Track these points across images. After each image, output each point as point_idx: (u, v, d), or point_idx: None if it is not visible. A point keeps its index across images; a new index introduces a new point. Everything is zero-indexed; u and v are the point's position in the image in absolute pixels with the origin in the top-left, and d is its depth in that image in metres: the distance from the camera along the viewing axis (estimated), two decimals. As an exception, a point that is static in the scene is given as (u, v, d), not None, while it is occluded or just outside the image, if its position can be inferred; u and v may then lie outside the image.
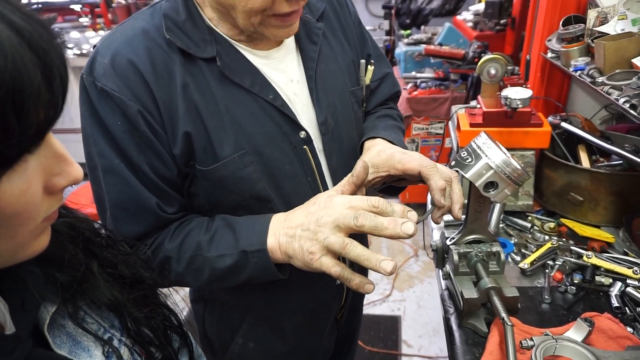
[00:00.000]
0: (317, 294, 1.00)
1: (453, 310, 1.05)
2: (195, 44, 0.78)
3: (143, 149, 0.76)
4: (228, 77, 0.80)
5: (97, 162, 0.77)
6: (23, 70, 0.34)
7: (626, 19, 1.25)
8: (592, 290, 1.11)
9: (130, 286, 0.58)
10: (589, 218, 1.33)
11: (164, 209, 0.80)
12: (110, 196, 0.78)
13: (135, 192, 0.77)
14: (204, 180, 0.82)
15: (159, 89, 0.75)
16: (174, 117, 0.77)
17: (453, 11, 3.96)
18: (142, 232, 0.80)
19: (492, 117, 1.37)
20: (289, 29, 0.79)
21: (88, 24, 4.49)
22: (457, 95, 2.93)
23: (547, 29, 1.61)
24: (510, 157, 0.87)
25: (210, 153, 0.80)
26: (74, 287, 0.51)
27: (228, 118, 0.80)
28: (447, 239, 1.06)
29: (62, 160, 0.43)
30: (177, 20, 0.78)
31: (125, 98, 0.73)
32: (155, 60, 0.76)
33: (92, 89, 0.74)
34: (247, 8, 0.72)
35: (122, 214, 0.78)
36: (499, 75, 1.42)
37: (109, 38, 0.78)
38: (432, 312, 2.56)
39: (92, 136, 0.76)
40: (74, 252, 0.53)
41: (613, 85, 1.17)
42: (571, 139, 1.44)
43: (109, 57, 0.74)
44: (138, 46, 0.76)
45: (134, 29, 0.78)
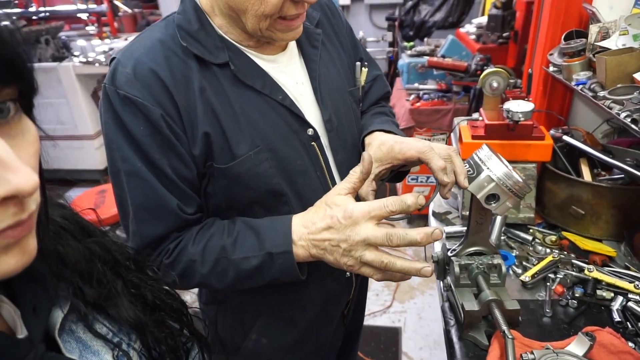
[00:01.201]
0: (328, 288, 1.04)
1: (454, 322, 1.05)
2: (208, 51, 0.83)
3: (165, 152, 0.80)
4: (241, 80, 0.85)
5: (120, 167, 0.81)
6: None
7: (627, 35, 1.26)
8: (593, 304, 1.10)
9: (152, 308, 0.59)
10: (590, 232, 1.33)
11: (183, 210, 0.84)
12: (133, 199, 0.82)
13: (157, 194, 0.81)
14: (222, 178, 0.85)
15: (178, 93, 0.80)
16: (194, 119, 0.81)
17: (456, 24, 4.00)
18: (163, 233, 0.84)
19: (494, 130, 1.38)
20: (294, 32, 0.84)
21: (94, 32, 4.54)
22: (460, 107, 2.94)
23: (549, 43, 1.63)
24: (511, 169, 0.88)
25: (227, 152, 0.84)
26: (99, 302, 0.52)
27: (243, 118, 0.84)
28: (449, 251, 1.07)
29: (1, 166, 0.36)
30: (191, 30, 0.83)
31: (148, 104, 0.78)
32: (173, 67, 0.80)
33: (115, 97, 0.78)
34: (259, 12, 0.76)
35: (144, 215, 0.82)
36: (501, 89, 1.43)
37: (129, 49, 0.82)
38: (433, 324, 2.54)
39: (116, 142, 0.80)
40: (102, 270, 0.54)
41: (614, 99, 1.17)
42: (573, 153, 1.44)
43: (130, 67, 0.79)
44: (157, 55, 0.80)
45: (151, 39, 0.83)
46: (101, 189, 2.96)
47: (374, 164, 0.92)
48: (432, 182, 3.17)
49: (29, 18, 4.17)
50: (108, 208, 2.71)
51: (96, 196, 2.85)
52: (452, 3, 4.22)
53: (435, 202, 1.60)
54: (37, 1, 4.45)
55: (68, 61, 3.78)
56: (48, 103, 3.84)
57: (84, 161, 4.08)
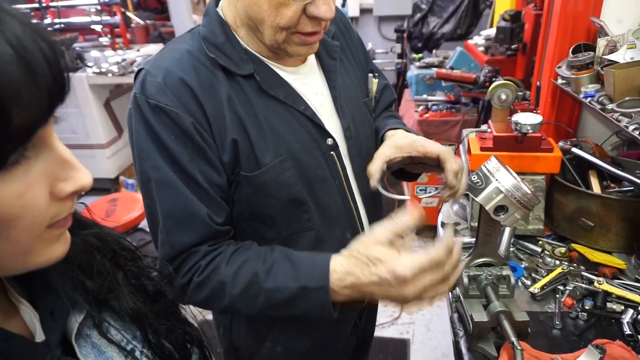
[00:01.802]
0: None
1: (463, 334, 1.05)
2: (234, 63, 0.86)
3: (195, 159, 0.82)
4: (265, 91, 0.88)
5: (151, 175, 0.82)
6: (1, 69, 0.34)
7: (635, 48, 1.27)
8: (603, 316, 1.10)
9: (152, 299, 0.60)
10: (600, 244, 1.33)
11: (213, 219, 0.84)
12: (163, 207, 0.83)
13: (188, 202, 0.82)
14: (248, 186, 0.87)
15: (207, 102, 0.82)
16: (222, 126, 0.84)
17: (464, 36, 4.03)
18: (192, 243, 0.84)
19: (503, 142, 1.38)
20: (309, 47, 0.86)
21: (108, 43, 4.62)
22: (468, 119, 2.95)
23: (557, 56, 1.64)
24: (520, 181, 0.89)
25: (253, 160, 0.86)
26: (102, 295, 0.53)
27: (267, 127, 0.87)
28: (457, 262, 1.07)
29: (68, 166, 0.42)
30: (217, 42, 0.86)
31: (180, 111, 0.80)
32: (201, 77, 0.83)
33: (146, 106, 0.80)
34: (275, 24, 0.79)
35: (174, 224, 0.83)
36: (509, 101, 1.44)
37: (158, 60, 0.85)
38: (441, 335, 2.53)
39: (146, 150, 0.81)
40: (101, 261, 0.55)
41: (623, 112, 1.18)
42: (582, 165, 1.45)
43: (160, 76, 0.81)
44: (186, 65, 0.83)
45: (179, 50, 0.86)
46: (112, 197, 2.99)
47: (393, 149, 0.94)
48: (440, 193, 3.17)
49: (44, 30, 4.25)
50: (119, 216, 2.74)
51: (107, 205, 2.89)
52: (461, 15, 4.25)
53: (444, 213, 1.61)
54: (52, 13, 4.55)
55: (82, 72, 3.85)
56: (61, 113, 3.90)
57: (95, 170, 4.13)
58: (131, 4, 6.44)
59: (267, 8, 0.78)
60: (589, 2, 1.54)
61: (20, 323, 0.47)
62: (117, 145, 4.20)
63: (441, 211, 1.62)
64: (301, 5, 0.78)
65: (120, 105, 4.22)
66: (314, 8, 0.79)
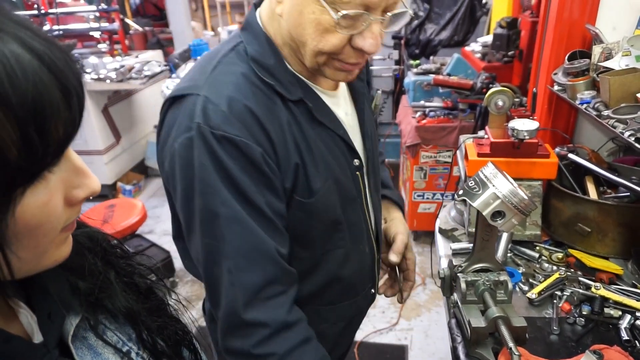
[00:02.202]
0: (358, 304, 1.08)
1: (460, 339, 1.05)
2: (285, 88, 0.83)
3: (262, 190, 0.78)
4: (315, 117, 0.86)
5: (220, 212, 0.76)
6: (44, 92, 0.37)
7: (630, 55, 1.28)
8: (601, 322, 1.10)
9: (144, 296, 0.61)
10: (597, 249, 1.34)
11: (280, 252, 0.81)
12: (231, 245, 0.77)
13: (257, 238, 0.78)
14: (300, 211, 0.86)
15: (271, 129, 0.79)
16: (286, 152, 0.82)
17: (462, 42, 4.04)
18: (262, 283, 0.79)
19: (500, 148, 1.39)
20: (348, 73, 0.84)
21: (106, 50, 4.64)
22: (466, 125, 2.96)
23: (553, 62, 1.65)
24: (517, 187, 0.89)
25: (306, 186, 0.85)
26: (94, 295, 0.54)
27: (317, 152, 0.86)
28: (455, 267, 1.07)
29: (81, 174, 0.45)
30: (268, 65, 0.82)
31: (250, 142, 0.76)
32: (261, 102, 0.79)
33: (211, 137, 0.74)
34: (317, 48, 0.77)
35: (243, 263, 0.78)
36: (506, 107, 1.45)
37: (215, 86, 0.78)
38: (439, 342, 2.52)
39: (214, 185, 0.76)
40: (93, 261, 0.56)
41: (618, 118, 1.19)
42: (578, 170, 1.45)
43: (225, 104, 0.76)
44: (247, 91, 0.79)
45: (234, 74, 0.80)
46: (110, 203, 2.98)
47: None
48: (438, 199, 3.18)
49: (43, 36, 4.26)
50: (117, 222, 2.73)
51: (105, 210, 2.88)
52: (458, 22, 4.27)
53: (441, 219, 1.61)
54: (51, 20, 4.56)
55: (80, 78, 3.85)
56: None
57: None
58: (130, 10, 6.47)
59: (312, 32, 0.75)
60: (584, 10, 1.56)
61: (18, 325, 0.48)
62: (115, 151, 4.20)
63: (439, 217, 1.62)
64: (347, 34, 0.75)
65: (118, 112, 4.22)
66: (360, 40, 0.76)
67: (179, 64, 3.96)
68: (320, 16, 0.73)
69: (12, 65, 0.35)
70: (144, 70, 3.96)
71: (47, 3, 4.53)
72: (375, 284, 1.13)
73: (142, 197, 4.31)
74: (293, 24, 0.77)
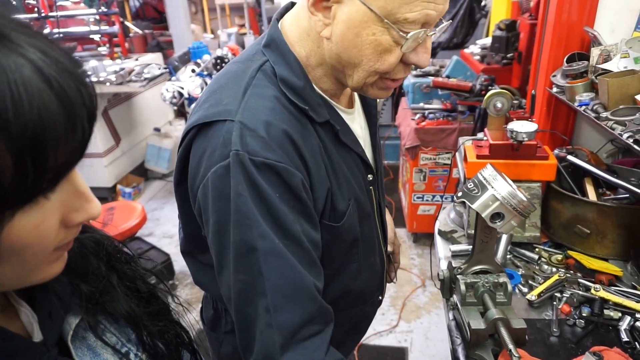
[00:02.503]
0: (365, 310, 1.08)
1: (460, 341, 1.05)
2: (313, 110, 0.80)
3: (299, 218, 0.75)
4: (340, 138, 0.85)
5: (257, 245, 0.71)
6: (47, 123, 0.36)
7: (628, 57, 1.28)
8: (601, 324, 1.10)
9: (146, 300, 0.61)
10: (596, 251, 1.34)
11: (318, 288, 0.76)
12: (270, 282, 0.71)
13: (295, 273, 0.73)
14: (328, 234, 0.84)
15: (307, 153, 0.77)
16: (320, 177, 0.80)
17: (461, 44, 4.06)
18: (300, 323, 0.73)
19: (499, 150, 1.39)
20: (388, 91, 0.84)
21: (106, 52, 4.65)
22: (465, 127, 2.96)
23: (552, 64, 1.65)
24: (516, 189, 0.90)
25: (331, 209, 0.83)
26: (96, 298, 0.54)
27: (341, 175, 0.85)
28: (455, 269, 1.08)
29: (83, 197, 0.44)
30: (297, 87, 0.79)
31: (291, 167, 0.72)
32: (294, 126, 0.77)
33: (250, 164, 0.70)
34: (373, 69, 0.76)
35: (282, 300, 0.72)
36: (505, 109, 1.46)
37: (249, 110, 0.74)
38: (439, 344, 2.52)
39: (252, 217, 0.71)
40: (97, 265, 0.56)
41: (617, 120, 1.19)
42: (578, 172, 1.46)
43: (263, 129, 0.72)
44: (282, 115, 0.76)
45: (268, 98, 0.77)
46: (110, 206, 2.98)
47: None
48: (437, 201, 3.18)
49: (43, 39, 4.28)
50: (116, 225, 2.73)
51: (105, 213, 2.88)
52: (457, 24, 4.28)
53: (441, 221, 1.61)
54: (51, 23, 4.57)
55: (80, 81, 3.86)
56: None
57: (93, 179, 4.12)
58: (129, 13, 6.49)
59: (369, 53, 0.74)
60: (582, 12, 1.56)
61: (18, 323, 0.49)
62: (115, 154, 4.20)
63: (438, 219, 1.63)
64: (407, 52, 0.75)
65: (118, 114, 4.23)
66: (414, 55, 0.76)
67: (178, 67, 3.97)
68: (381, 37, 0.73)
69: (20, 92, 0.34)
70: (144, 73, 3.97)
71: (47, 6, 4.54)
72: (383, 292, 1.13)
73: (141, 199, 4.31)
74: (347, 45, 0.75)
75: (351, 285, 0.98)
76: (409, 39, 0.72)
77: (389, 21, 0.71)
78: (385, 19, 0.71)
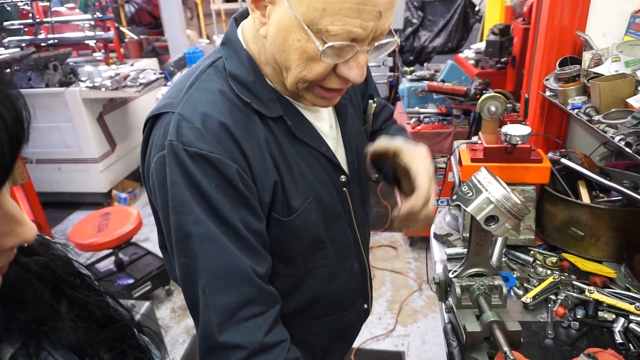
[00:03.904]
0: (348, 318, 1.06)
1: (456, 344, 1.05)
2: (264, 105, 0.81)
3: (237, 207, 0.76)
4: (295, 134, 0.85)
5: (192, 231, 0.75)
6: None
7: (619, 61, 1.30)
8: (595, 325, 1.11)
9: (101, 326, 0.58)
10: (590, 253, 1.35)
11: (256, 271, 0.79)
12: (205, 266, 0.76)
13: (231, 258, 0.76)
14: (277, 228, 0.85)
15: (247, 146, 0.78)
16: (264, 169, 0.80)
17: (455, 49, 4.09)
18: (237, 304, 0.76)
19: (493, 153, 1.40)
20: (328, 101, 0.83)
21: (101, 58, 4.65)
22: (460, 131, 2.98)
23: (545, 68, 1.67)
24: (510, 191, 0.90)
25: (284, 204, 0.84)
26: (33, 328, 0.51)
27: (296, 170, 0.85)
28: (450, 272, 1.08)
29: (13, 222, 0.42)
30: (246, 82, 0.80)
31: (225, 159, 0.74)
32: (238, 119, 0.78)
33: (184, 154, 0.73)
34: (301, 76, 0.75)
35: (217, 283, 0.76)
36: (498, 113, 1.47)
37: (189, 102, 0.77)
38: (436, 347, 2.52)
39: (187, 204, 0.74)
40: (40, 291, 0.52)
41: (609, 123, 1.21)
42: (571, 175, 1.47)
43: (199, 121, 0.74)
44: (223, 108, 0.77)
45: (211, 91, 0.79)
46: (105, 211, 2.97)
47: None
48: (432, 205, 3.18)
49: (38, 45, 4.28)
50: (112, 231, 2.72)
51: (100, 219, 2.87)
52: (451, 29, 4.32)
53: (436, 224, 1.62)
54: (46, 29, 4.57)
55: (75, 86, 3.86)
56: (54, 127, 3.91)
57: (88, 184, 4.11)
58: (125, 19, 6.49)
59: (296, 59, 0.73)
60: (574, 17, 1.58)
61: None
62: (110, 159, 4.19)
63: (434, 222, 1.63)
64: (333, 63, 0.74)
65: (113, 120, 4.22)
66: (346, 69, 0.74)
67: (174, 72, 3.97)
68: (306, 44, 0.71)
69: None
70: (139, 78, 3.97)
71: (42, 12, 4.54)
72: (368, 299, 1.11)
73: (137, 205, 4.29)
74: (277, 48, 0.75)
75: (325, 290, 0.97)
76: (325, 51, 0.70)
77: (311, 30, 0.69)
78: (307, 28, 0.69)
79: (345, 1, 0.65)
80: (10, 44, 4.24)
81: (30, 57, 3.84)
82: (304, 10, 0.68)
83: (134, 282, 2.76)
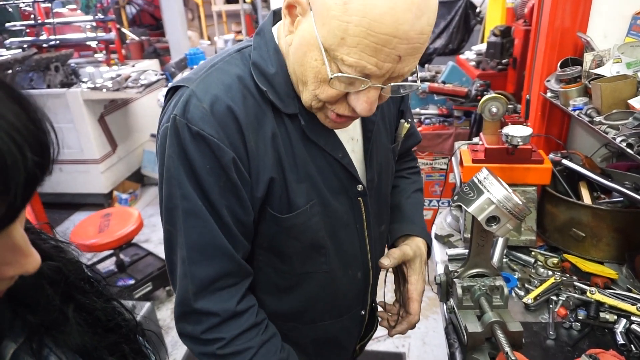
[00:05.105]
0: (343, 324, 1.06)
1: (457, 345, 1.05)
2: (280, 99, 0.80)
3: (225, 194, 0.78)
4: (307, 135, 0.84)
5: (179, 204, 0.77)
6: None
7: (621, 62, 1.30)
8: (597, 326, 1.11)
9: (105, 331, 0.59)
10: (591, 254, 1.34)
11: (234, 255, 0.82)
12: (188, 239, 0.79)
13: (215, 235, 0.79)
14: (274, 224, 0.85)
15: (251, 136, 0.78)
16: (262, 163, 0.80)
17: (456, 50, 4.09)
18: (215, 276, 0.81)
19: (494, 154, 1.40)
20: (337, 124, 0.82)
21: (103, 59, 4.65)
22: (461, 132, 2.98)
23: (546, 70, 1.67)
24: (511, 192, 0.90)
25: (284, 202, 0.84)
26: (42, 330, 0.52)
27: (303, 171, 0.84)
28: (451, 273, 1.08)
29: (19, 253, 0.42)
30: (267, 73, 0.80)
31: (223, 144, 0.75)
32: (249, 108, 0.78)
33: (185, 131, 0.74)
34: (315, 94, 0.76)
35: (198, 256, 0.79)
36: (500, 114, 1.47)
37: (206, 82, 0.78)
38: (437, 349, 2.51)
39: (177, 178, 0.77)
40: (52, 297, 0.53)
41: (610, 124, 1.21)
42: (572, 176, 1.47)
43: (208, 102, 0.75)
44: (236, 94, 0.77)
45: (230, 75, 0.79)
46: (106, 212, 2.97)
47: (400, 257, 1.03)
48: (434, 206, 3.18)
49: (39, 46, 4.29)
50: (113, 232, 2.72)
51: (101, 220, 2.87)
52: (452, 31, 4.32)
53: (437, 225, 1.62)
54: (48, 30, 4.58)
55: (76, 87, 3.86)
56: (56, 128, 3.90)
57: (89, 185, 4.12)
58: (126, 20, 6.51)
59: (312, 76, 0.74)
60: (575, 18, 1.58)
61: None
62: (111, 160, 4.19)
63: (435, 223, 1.63)
64: (344, 91, 0.73)
65: (114, 120, 4.23)
66: (355, 99, 0.74)
67: (175, 73, 3.98)
68: (321, 66, 0.71)
69: None
70: (141, 79, 3.97)
71: (43, 13, 4.55)
72: (366, 307, 1.10)
73: (138, 205, 4.29)
74: (297, 60, 0.75)
75: (322, 295, 0.97)
76: (334, 78, 0.70)
77: (328, 54, 0.69)
78: (324, 51, 0.69)
79: (365, 37, 0.65)
80: (12, 45, 4.25)
81: (31, 58, 3.85)
82: (325, 34, 0.68)
83: (134, 283, 2.76)
